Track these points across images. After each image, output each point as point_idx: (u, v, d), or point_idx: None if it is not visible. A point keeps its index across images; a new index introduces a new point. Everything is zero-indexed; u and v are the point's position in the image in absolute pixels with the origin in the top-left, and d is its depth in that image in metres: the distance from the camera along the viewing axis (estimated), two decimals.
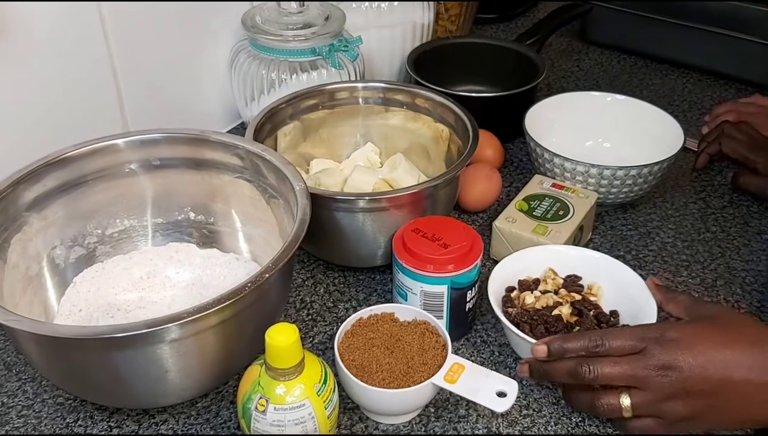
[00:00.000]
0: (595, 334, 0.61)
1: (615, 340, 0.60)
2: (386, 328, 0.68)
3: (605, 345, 0.60)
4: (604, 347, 0.61)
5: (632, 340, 0.60)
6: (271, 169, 0.73)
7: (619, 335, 0.61)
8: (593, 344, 0.61)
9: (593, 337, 0.61)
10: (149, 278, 0.77)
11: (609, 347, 0.60)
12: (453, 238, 0.70)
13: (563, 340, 0.63)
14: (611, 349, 0.60)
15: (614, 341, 0.60)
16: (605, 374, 0.60)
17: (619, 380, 0.60)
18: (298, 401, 0.57)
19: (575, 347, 0.62)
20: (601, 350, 0.61)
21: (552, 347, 0.62)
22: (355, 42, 0.96)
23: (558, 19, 1.17)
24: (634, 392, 0.60)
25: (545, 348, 0.63)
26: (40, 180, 0.70)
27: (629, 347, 0.60)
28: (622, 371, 0.59)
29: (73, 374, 0.61)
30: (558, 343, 0.62)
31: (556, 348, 0.62)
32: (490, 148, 0.94)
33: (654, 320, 0.67)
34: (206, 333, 0.59)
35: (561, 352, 0.62)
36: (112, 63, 0.86)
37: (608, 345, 0.60)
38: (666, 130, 0.93)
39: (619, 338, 0.61)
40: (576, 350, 0.62)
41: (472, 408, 0.67)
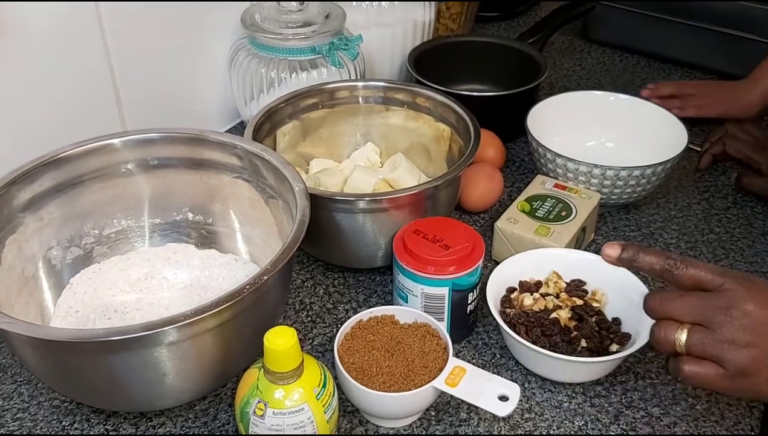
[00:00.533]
0: (674, 254, 0.58)
1: (692, 267, 0.57)
2: (386, 330, 0.67)
3: (681, 268, 0.57)
4: (679, 269, 0.57)
5: (711, 273, 0.56)
6: (270, 170, 0.72)
7: (698, 264, 0.57)
8: (670, 261, 0.58)
9: (672, 256, 0.58)
10: (147, 279, 0.76)
11: (685, 271, 0.57)
12: (454, 239, 0.70)
13: (639, 249, 0.59)
14: (686, 274, 0.57)
15: (691, 268, 0.57)
16: (693, 275, 0.56)
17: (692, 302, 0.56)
18: (297, 406, 0.56)
19: (649, 260, 0.58)
20: (675, 272, 0.57)
21: (625, 253, 0.59)
22: (356, 40, 0.95)
23: (560, 17, 1.16)
24: (695, 328, 0.56)
25: (618, 251, 0.60)
26: (36, 180, 0.69)
27: (706, 279, 0.56)
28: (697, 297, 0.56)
29: (68, 378, 0.60)
30: (633, 250, 0.59)
31: (628, 255, 0.59)
32: (491, 148, 0.93)
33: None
34: (204, 336, 0.58)
35: (632, 260, 0.59)
36: (110, 61, 0.85)
37: (684, 269, 0.57)
38: (669, 130, 0.92)
39: (697, 266, 0.57)
40: (649, 263, 0.58)
41: (473, 412, 0.66)
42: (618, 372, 0.70)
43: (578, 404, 0.67)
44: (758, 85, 1.02)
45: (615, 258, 0.60)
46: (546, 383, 0.69)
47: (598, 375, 0.69)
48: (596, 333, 0.69)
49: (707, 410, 0.67)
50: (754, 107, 1.03)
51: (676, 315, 0.57)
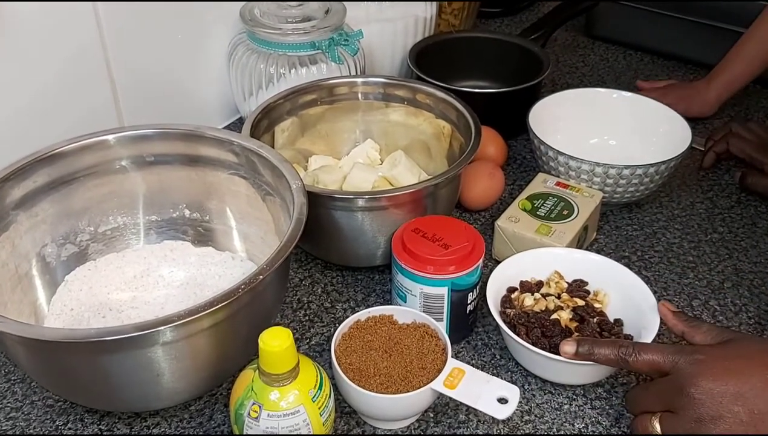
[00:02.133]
0: (626, 343, 0.61)
1: (645, 353, 0.59)
2: (384, 330, 0.66)
3: (634, 356, 0.59)
4: (632, 356, 0.60)
5: (663, 355, 0.59)
6: (267, 167, 0.71)
7: (650, 348, 0.60)
8: (623, 350, 0.60)
9: (624, 344, 0.60)
10: (143, 276, 0.75)
11: (639, 357, 0.59)
12: (454, 238, 0.69)
13: (593, 343, 0.62)
14: (640, 361, 0.59)
15: (644, 354, 0.59)
16: (646, 361, 0.59)
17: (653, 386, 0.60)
18: (293, 408, 0.55)
19: (604, 352, 0.61)
20: (629, 359, 0.60)
21: (580, 348, 0.62)
22: (356, 36, 0.94)
23: (563, 13, 1.15)
24: (665, 416, 0.58)
25: (574, 347, 0.62)
26: (29, 177, 0.68)
27: (659, 362, 0.58)
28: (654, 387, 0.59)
29: (61, 378, 0.60)
30: (588, 345, 0.62)
31: (584, 350, 0.62)
32: (492, 146, 0.92)
33: (656, 326, 0.66)
34: (199, 336, 0.58)
35: (588, 355, 0.61)
36: (106, 56, 0.84)
37: (638, 356, 0.59)
38: (673, 128, 0.91)
39: (649, 351, 0.59)
40: (605, 355, 0.61)
41: (472, 413, 0.65)
42: (619, 374, 0.69)
43: (579, 407, 0.66)
44: (714, 85, 1.03)
45: (572, 354, 0.62)
46: (546, 384, 0.68)
47: (598, 377, 0.68)
48: (598, 335, 0.68)
49: None
50: (711, 107, 1.05)
51: (646, 407, 0.60)
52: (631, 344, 0.61)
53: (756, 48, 1.00)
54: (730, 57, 1.02)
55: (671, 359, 0.58)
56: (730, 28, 1.11)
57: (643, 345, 0.60)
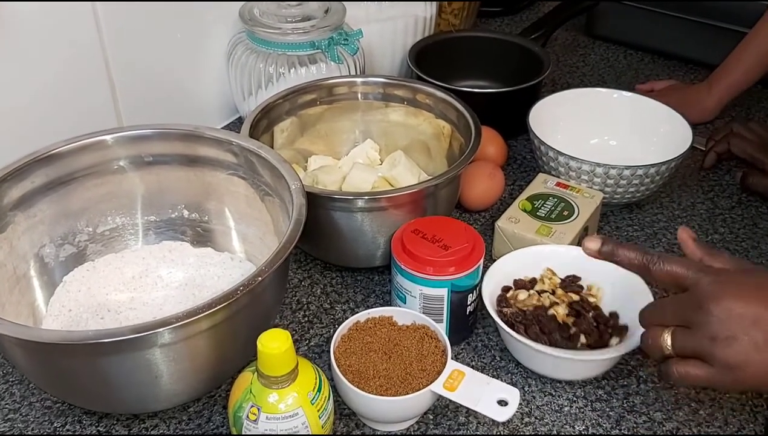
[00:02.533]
0: (651, 251, 0.59)
1: (669, 263, 0.57)
2: (384, 332, 0.66)
3: (658, 264, 0.57)
4: (656, 264, 0.57)
5: (687, 269, 0.56)
6: (266, 167, 0.70)
7: (675, 260, 0.57)
8: (648, 257, 0.58)
9: (649, 252, 0.58)
10: (141, 277, 0.75)
11: (661, 266, 0.57)
12: (454, 239, 0.68)
13: (617, 244, 0.60)
14: (663, 270, 0.57)
15: (668, 264, 0.57)
16: (668, 271, 0.57)
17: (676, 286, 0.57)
18: (291, 410, 0.55)
19: (628, 255, 0.59)
20: (652, 267, 0.58)
21: (604, 247, 0.60)
22: (356, 35, 0.94)
23: (563, 13, 1.15)
24: (677, 330, 0.56)
25: (598, 244, 0.60)
26: (27, 177, 0.67)
27: (682, 274, 0.56)
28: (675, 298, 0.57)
29: (59, 380, 0.59)
30: (612, 245, 0.60)
31: (608, 249, 0.60)
32: (492, 146, 0.92)
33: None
34: (197, 338, 0.57)
35: (611, 254, 0.60)
36: (105, 56, 0.84)
37: (661, 265, 0.57)
38: (673, 128, 0.91)
39: (674, 262, 0.57)
40: (628, 258, 0.59)
41: (472, 415, 0.65)
42: (620, 376, 0.69)
43: (579, 408, 0.66)
44: (714, 91, 1.02)
45: (595, 251, 0.61)
46: (546, 386, 0.68)
47: (600, 371, 0.68)
48: (595, 328, 0.68)
49: (710, 415, 0.66)
50: (711, 113, 1.04)
51: (660, 320, 0.58)
52: (655, 253, 0.58)
53: (757, 53, 0.99)
54: (730, 61, 1.01)
55: (694, 275, 0.56)
56: (731, 27, 1.11)
57: (667, 256, 0.58)
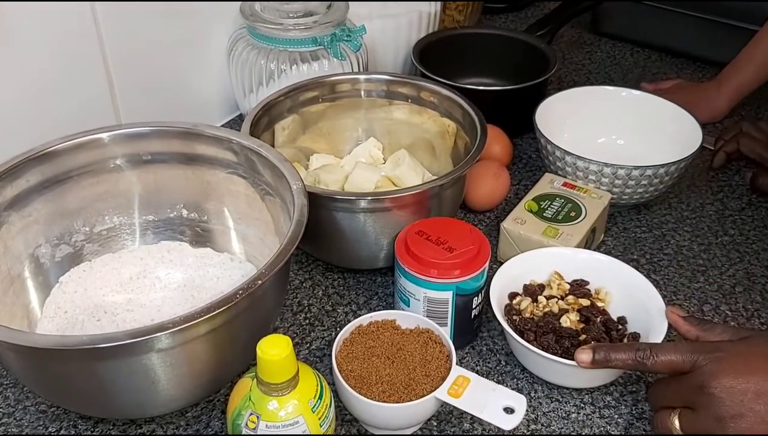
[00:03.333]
0: (643, 345, 0.59)
1: (663, 354, 0.58)
2: (387, 336, 0.64)
3: (652, 359, 0.58)
4: (650, 359, 0.58)
5: (681, 355, 0.57)
6: (266, 166, 0.69)
7: (667, 349, 0.58)
8: (640, 353, 0.59)
9: (641, 348, 0.59)
10: (139, 278, 0.73)
11: (656, 359, 0.58)
12: (459, 241, 0.67)
13: (609, 349, 0.60)
14: (658, 363, 0.58)
15: (662, 355, 0.58)
16: (664, 362, 0.58)
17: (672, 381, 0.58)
18: (292, 418, 0.53)
19: (621, 358, 0.59)
20: (647, 363, 0.58)
21: (597, 356, 0.60)
22: (359, 32, 0.92)
23: (570, 9, 1.13)
24: (684, 412, 0.57)
25: (590, 356, 0.61)
26: (22, 176, 0.66)
27: (678, 362, 0.57)
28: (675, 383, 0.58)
29: (53, 385, 0.58)
30: (604, 352, 0.60)
31: (601, 357, 0.60)
32: (498, 145, 0.90)
33: (665, 327, 0.64)
34: (195, 342, 0.56)
35: (605, 362, 0.60)
36: (104, 52, 0.82)
37: (656, 358, 0.58)
38: (682, 127, 0.89)
39: (667, 352, 0.58)
40: (622, 360, 0.59)
41: (477, 422, 0.64)
42: (628, 381, 0.67)
43: (587, 415, 0.65)
44: (724, 90, 1.01)
45: (589, 362, 0.61)
46: (553, 392, 0.66)
47: (609, 379, 0.66)
48: (604, 335, 0.67)
49: None
50: (720, 113, 1.03)
51: (666, 403, 0.59)
52: (647, 346, 0.59)
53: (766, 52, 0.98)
54: (740, 61, 1.00)
55: (690, 358, 0.56)
56: (739, 25, 1.09)
57: (659, 346, 0.59)
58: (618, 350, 0.60)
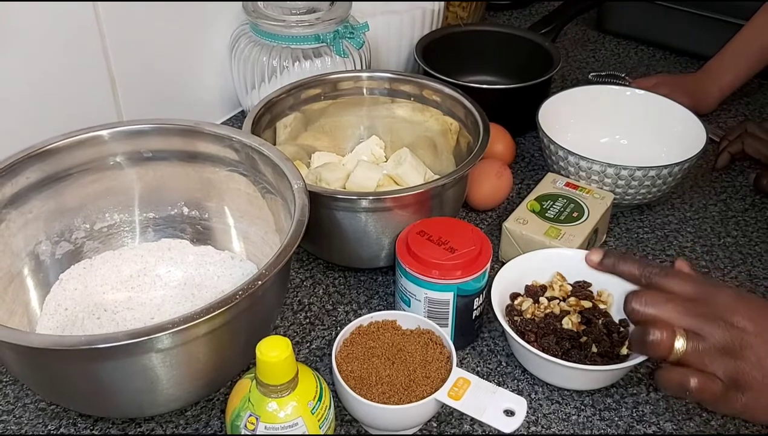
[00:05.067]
0: (656, 264, 0.56)
1: (673, 278, 0.54)
2: (387, 337, 0.64)
3: (660, 278, 0.55)
4: (658, 279, 0.55)
5: (693, 285, 0.54)
6: (268, 165, 0.68)
7: (679, 275, 0.55)
8: (649, 269, 0.56)
9: (651, 265, 0.56)
10: (139, 276, 0.73)
11: (664, 281, 0.55)
12: (460, 241, 0.66)
13: (620, 257, 0.59)
14: (666, 285, 0.54)
15: (672, 278, 0.54)
16: (672, 288, 0.54)
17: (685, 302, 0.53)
18: (291, 420, 0.53)
19: (628, 269, 0.57)
20: (654, 280, 0.55)
21: (606, 260, 0.59)
22: (362, 29, 0.92)
23: (574, 7, 1.12)
24: (692, 335, 0.52)
25: (599, 256, 0.60)
26: (21, 173, 0.65)
27: (687, 292, 0.53)
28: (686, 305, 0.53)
29: (52, 384, 0.58)
30: (613, 259, 0.59)
31: (609, 262, 0.59)
32: (500, 143, 0.90)
33: None
34: (195, 342, 0.55)
35: (612, 266, 0.59)
36: (105, 47, 0.82)
37: (664, 279, 0.55)
38: (687, 127, 0.88)
39: (678, 278, 0.54)
40: (629, 271, 0.57)
41: (476, 423, 0.63)
42: (629, 384, 0.67)
43: (587, 417, 0.64)
44: (715, 81, 1.01)
45: (596, 263, 0.60)
46: (554, 394, 0.66)
47: (610, 381, 0.66)
48: (606, 337, 0.66)
49: (722, 426, 0.64)
50: (713, 104, 1.03)
51: (666, 318, 0.53)
52: (660, 266, 0.56)
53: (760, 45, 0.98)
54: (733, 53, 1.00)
55: (703, 291, 0.53)
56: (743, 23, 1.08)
57: (673, 272, 0.55)
58: (627, 260, 0.58)
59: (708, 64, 1.02)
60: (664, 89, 0.95)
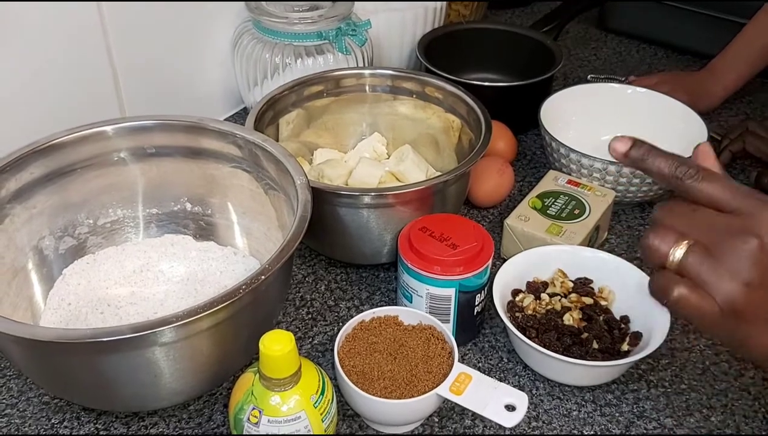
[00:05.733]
0: (691, 162, 0.49)
1: (710, 182, 0.47)
2: (389, 332, 0.64)
3: (695, 180, 0.48)
4: (692, 180, 0.48)
5: (731, 194, 0.47)
6: (271, 161, 0.69)
7: (718, 179, 0.48)
8: (683, 169, 0.48)
9: (688, 162, 0.49)
10: (142, 271, 0.73)
11: (698, 184, 0.48)
12: (462, 238, 0.67)
13: (650, 150, 0.50)
14: (699, 188, 0.48)
15: (708, 182, 0.47)
16: (707, 191, 0.47)
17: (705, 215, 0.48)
18: (294, 413, 0.53)
19: (659, 164, 0.49)
20: (687, 182, 0.48)
21: (634, 151, 0.51)
22: (364, 26, 0.92)
23: (576, 5, 1.13)
24: (697, 246, 0.46)
25: (627, 146, 0.51)
26: (26, 168, 0.66)
27: (723, 200, 0.47)
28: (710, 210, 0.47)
29: (56, 377, 0.58)
30: (643, 151, 0.50)
31: (638, 154, 0.50)
32: (502, 141, 0.90)
33: (668, 326, 0.64)
34: (198, 336, 0.56)
35: (641, 160, 0.50)
36: (108, 43, 0.82)
37: (698, 182, 0.47)
38: (688, 125, 0.89)
39: (715, 182, 0.47)
40: (659, 167, 0.49)
41: (478, 418, 0.64)
42: (630, 380, 0.67)
43: (588, 413, 0.65)
44: (720, 79, 1.01)
45: (622, 154, 0.51)
46: (555, 389, 0.66)
47: (611, 377, 0.66)
48: (606, 333, 0.67)
49: (722, 422, 0.64)
50: (717, 102, 1.03)
51: (680, 226, 0.48)
52: (695, 165, 0.49)
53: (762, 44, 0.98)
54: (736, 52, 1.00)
55: (742, 203, 0.46)
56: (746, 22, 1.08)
57: (710, 173, 0.48)
58: (659, 155, 0.50)
59: (712, 64, 1.03)
60: (664, 87, 0.95)
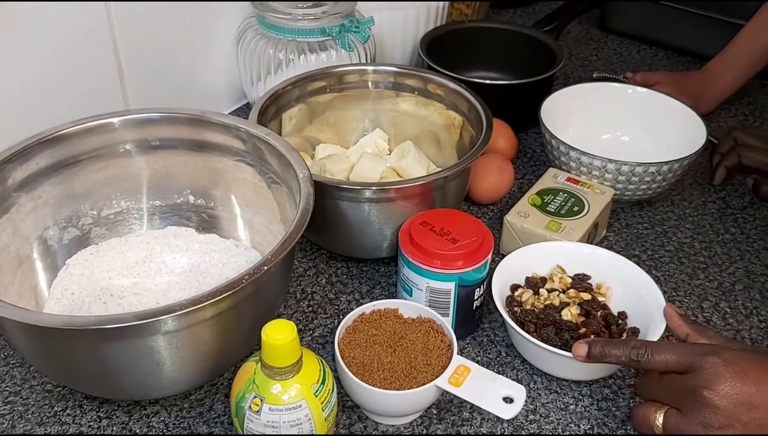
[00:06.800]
0: (639, 343, 0.59)
1: (659, 353, 0.57)
2: (389, 325, 0.65)
3: (647, 356, 0.58)
4: (645, 358, 0.58)
5: (678, 356, 0.57)
6: (274, 155, 0.69)
7: (664, 348, 0.58)
8: (634, 351, 0.58)
9: (637, 345, 0.59)
10: (145, 262, 0.74)
11: (651, 358, 0.58)
12: (462, 232, 0.67)
13: (605, 344, 0.60)
14: (654, 362, 0.58)
15: (658, 354, 0.57)
16: (660, 361, 0.57)
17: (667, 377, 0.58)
18: (295, 402, 0.54)
19: (617, 354, 0.59)
20: (642, 361, 0.58)
21: (593, 350, 0.60)
22: (367, 23, 0.93)
23: (578, 5, 1.13)
24: (671, 412, 0.57)
25: (586, 350, 0.61)
26: (32, 158, 0.67)
27: (674, 362, 0.57)
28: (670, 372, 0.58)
29: (60, 364, 0.59)
30: (600, 346, 0.60)
31: (597, 351, 0.60)
32: (503, 138, 0.91)
33: (665, 323, 0.65)
34: (201, 326, 0.57)
35: (601, 356, 0.60)
36: (113, 36, 0.83)
37: (651, 357, 0.58)
38: (687, 125, 0.89)
39: (664, 351, 0.57)
40: (617, 356, 0.59)
41: (476, 411, 0.65)
42: (627, 375, 0.68)
43: (585, 407, 0.65)
44: (715, 83, 1.01)
45: (584, 356, 0.61)
46: (552, 384, 0.67)
47: (608, 372, 0.67)
48: (604, 329, 0.67)
49: None
50: (712, 105, 1.03)
51: (654, 397, 0.59)
52: (643, 344, 0.59)
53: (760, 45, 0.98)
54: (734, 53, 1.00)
55: (687, 360, 0.56)
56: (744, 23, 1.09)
57: (656, 345, 0.58)
58: (613, 345, 0.60)
59: (708, 66, 1.03)
60: (665, 90, 0.95)
